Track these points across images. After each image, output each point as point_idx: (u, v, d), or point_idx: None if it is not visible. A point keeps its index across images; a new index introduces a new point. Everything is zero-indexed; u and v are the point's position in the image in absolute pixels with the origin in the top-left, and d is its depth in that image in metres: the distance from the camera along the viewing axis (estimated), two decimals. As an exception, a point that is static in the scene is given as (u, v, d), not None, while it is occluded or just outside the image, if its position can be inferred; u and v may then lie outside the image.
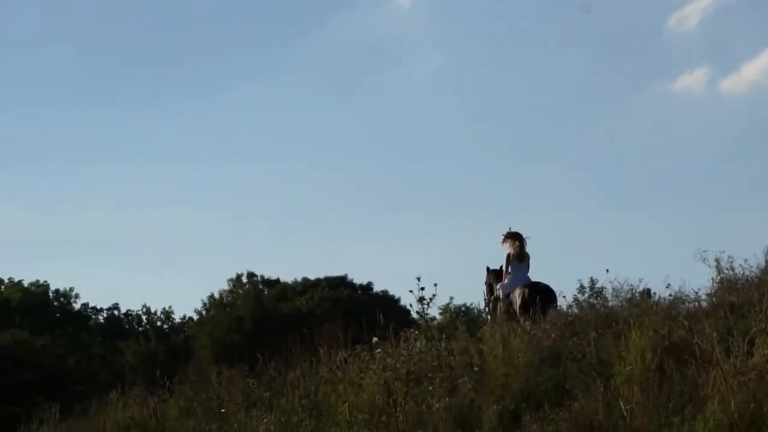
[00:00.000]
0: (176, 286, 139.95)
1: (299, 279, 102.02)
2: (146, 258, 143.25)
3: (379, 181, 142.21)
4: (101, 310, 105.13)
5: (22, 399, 56.42)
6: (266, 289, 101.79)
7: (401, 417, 12.78)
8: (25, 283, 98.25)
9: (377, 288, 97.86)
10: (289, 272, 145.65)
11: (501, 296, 18.73)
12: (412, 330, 16.09)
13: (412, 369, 14.33)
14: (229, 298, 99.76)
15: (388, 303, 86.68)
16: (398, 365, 14.48)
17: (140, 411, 18.63)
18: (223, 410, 16.19)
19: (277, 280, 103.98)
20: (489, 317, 18.68)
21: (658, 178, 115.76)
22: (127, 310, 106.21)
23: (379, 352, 15.77)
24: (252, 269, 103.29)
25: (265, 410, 15.51)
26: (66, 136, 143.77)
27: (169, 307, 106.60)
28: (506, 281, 18.91)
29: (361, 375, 14.99)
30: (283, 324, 78.01)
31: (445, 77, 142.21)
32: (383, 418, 13.05)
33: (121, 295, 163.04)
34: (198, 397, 17.79)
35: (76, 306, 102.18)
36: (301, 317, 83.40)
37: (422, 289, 16.22)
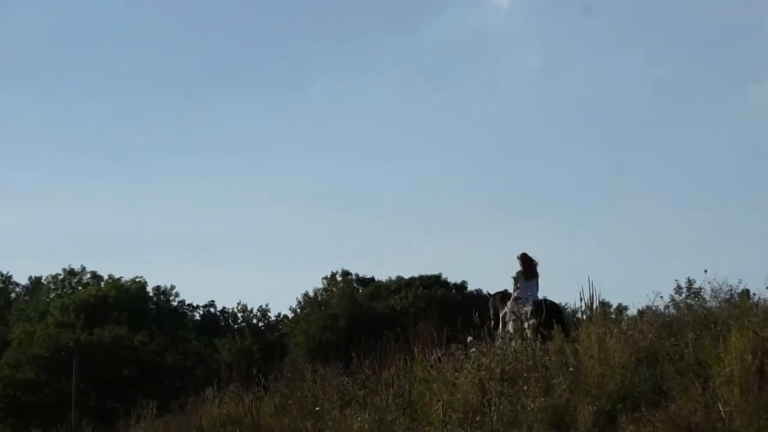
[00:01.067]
0: (272, 284, 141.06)
1: (393, 278, 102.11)
2: (243, 256, 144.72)
3: (473, 181, 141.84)
4: (198, 307, 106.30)
5: (121, 395, 57.40)
6: (361, 288, 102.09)
7: (495, 416, 12.72)
8: (124, 280, 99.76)
9: (471, 287, 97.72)
10: (383, 271, 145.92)
11: (508, 315, 19.42)
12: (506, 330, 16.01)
13: (507, 368, 14.25)
14: (323, 297, 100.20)
15: (482, 302, 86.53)
16: (493, 365, 14.41)
17: (236, 408, 18.80)
18: (317, 408, 16.25)
19: (372, 279, 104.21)
20: (498, 338, 18.74)
21: (756, 176, 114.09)
22: (223, 308, 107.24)
23: (473, 352, 15.71)
24: (347, 267, 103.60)
25: (360, 408, 15.53)
26: (167, 134, 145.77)
27: (266, 305, 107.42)
28: (516, 296, 19.65)
29: (456, 374, 14.95)
30: (377, 323, 78.12)
31: (543, 76, 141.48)
32: (477, 418, 13.00)
33: (217, 293, 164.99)
34: (293, 395, 17.88)
35: (173, 303, 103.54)
36: (395, 316, 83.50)
37: (517, 288, 16.14)
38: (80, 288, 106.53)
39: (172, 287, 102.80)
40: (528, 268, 20.04)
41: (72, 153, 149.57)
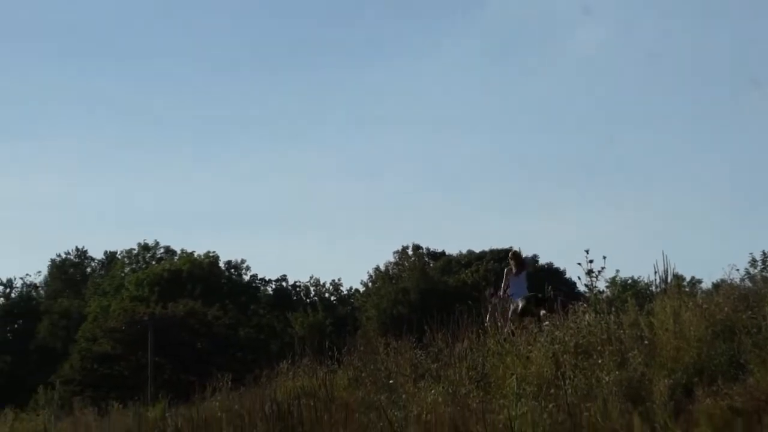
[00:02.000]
0: (344, 258, 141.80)
1: (464, 251, 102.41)
2: (315, 230, 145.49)
3: (544, 154, 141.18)
4: (270, 281, 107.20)
5: (196, 368, 57.97)
6: (432, 262, 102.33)
7: (570, 389, 12.68)
8: (197, 255, 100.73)
9: (542, 261, 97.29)
10: (454, 245, 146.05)
11: (498, 305, 21.03)
12: (580, 303, 15.94)
13: (581, 342, 14.20)
14: (395, 271, 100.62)
15: (554, 276, 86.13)
16: (566, 338, 14.36)
17: (310, 381, 18.92)
18: (391, 381, 16.29)
19: (443, 253, 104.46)
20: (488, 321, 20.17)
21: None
22: (295, 282, 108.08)
23: (547, 325, 15.67)
24: (418, 242, 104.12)
25: (433, 381, 15.56)
26: (241, 108, 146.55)
27: (338, 279, 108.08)
28: (507, 291, 21.34)
29: (529, 347, 14.93)
30: (448, 296, 78.29)
31: (611, 49, 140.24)
32: (551, 391, 12.97)
33: (289, 267, 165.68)
34: (366, 368, 17.96)
35: (246, 277, 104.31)
36: (466, 290, 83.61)
37: (590, 261, 16.06)
38: (154, 262, 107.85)
39: (243, 261, 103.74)
40: (518, 264, 21.84)
41: (147, 128, 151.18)
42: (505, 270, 22.12)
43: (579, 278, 16.93)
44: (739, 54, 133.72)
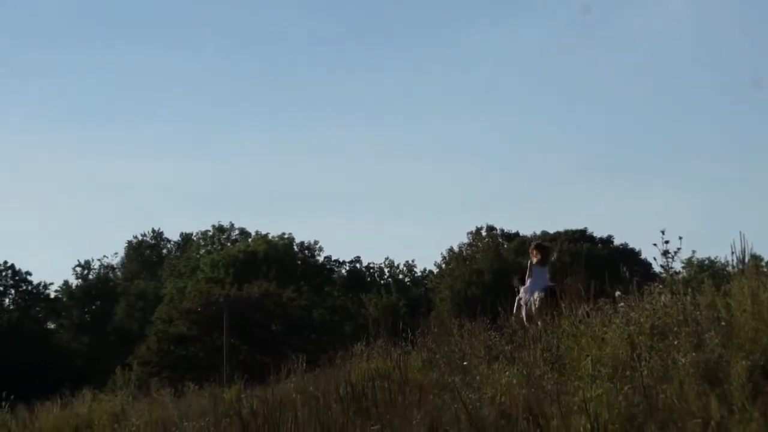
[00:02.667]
0: (417, 239, 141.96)
1: (538, 232, 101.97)
2: (388, 211, 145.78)
3: (618, 135, 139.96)
4: (344, 263, 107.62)
5: (271, 349, 58.41)
6: (505, 243, 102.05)
7: (645, 371, 12.57)
8: (271, 236, 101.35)
9: (618, 241, 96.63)
10: (528, 225, 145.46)
11: (523, 299, 20.93)
12: (655, 284, 15.78)
13: (657, 323, 14.05)
14: (468, 252, 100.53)
15: (629, 256, 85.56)
16: (642, 319, 14.22)
17: (384, 362, 18.95)
18: (465, 363, 16.26)
19: (517, 234, 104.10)
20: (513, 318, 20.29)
21: None
22: (369, 263, 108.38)
23: (622, 307, 15.54)
24: (491, 222, 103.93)
25: (507, 363, 15.50)
26: (317, 89, 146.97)
27: (411, 261, 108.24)
28: (528, 284, 21.02)
29: (604, 329, 14.80)
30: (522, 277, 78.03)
31: (688, 23, 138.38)
32: (627, 373, 12.86)
33: (363, 248, 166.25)
34: (440, 350, 17.95)
35: (320, 259, 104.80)
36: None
37: (666, 242, 15.89)
38: (229, 244, 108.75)
39: (316, 242, 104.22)
40: (543, 256, 21.57)
41: (221, 110, 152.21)
42: (529, 262, 21.93)
43: (654, 259, 16.79)
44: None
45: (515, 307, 21.05)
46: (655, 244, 16.08)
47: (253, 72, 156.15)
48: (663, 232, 16.25)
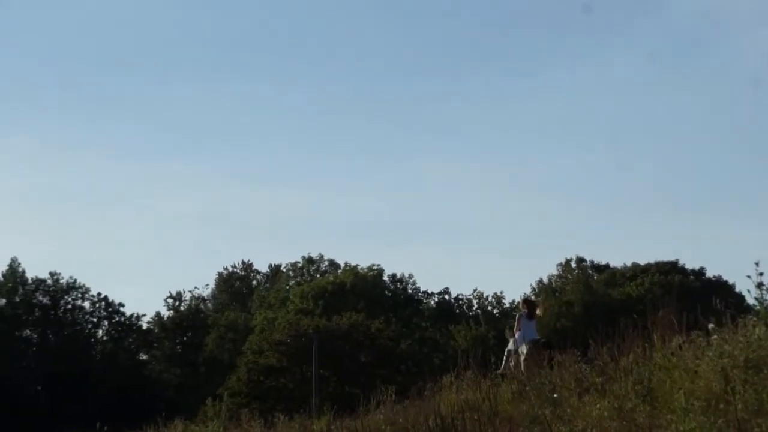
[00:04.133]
0: (506, 270, 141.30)
1: (629, 264, 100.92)
2: (478, 243, 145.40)
3: (710, 166, 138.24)
4: (432, 294, 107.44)
5: (360, 380, 58.40)
6: (595, 275, 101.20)
7: (740, 405, 12.39)
8: (360, 268, 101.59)
9: (710, 273, 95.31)
10: (618, 257, 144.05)
11: (512, 349, 23.07)
12: (749, 316, 15.56)
13: (751, 356, 13.84)
14: (558, 283, 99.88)
15: (721, 288, 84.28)
16: (736, 352, 14.02)
17: (473, 394, 18.89)
18: (555, 395, 16.17)
19: (607, 265, 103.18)
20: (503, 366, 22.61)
21: None
22: (458, 295, 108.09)
23: (715, 339, 15.34)
24: (581, 254, 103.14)
25: (598, 396, 15.38)
26: (398, 120, 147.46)
27: (500, 292, 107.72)
28: (517, 336, 23.13)
29: (697, 362, 14.63)
30: (612, 309, 77.28)
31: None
32: (721, 406, 12.69)
33: (452, 280, 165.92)
34: (530, 382, 17.85)
35: (409, 290, 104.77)
36: (630, 303, 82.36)
37: (761, 274, 15.68)
38: (318, 275, 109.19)
39: (410, 276, 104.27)
40: (530, 310, 23.50)
41: (311, 142, 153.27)
42: (517, 315, 23.79)
43: (748, 291, 16.58)
44: None
45: (504, 357, 23.25)
46: (749, 276, 15.88)
47: (342, 101, 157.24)
48: (757, 264, 16.04)
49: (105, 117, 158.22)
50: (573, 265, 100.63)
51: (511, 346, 23.32)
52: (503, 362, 22.94)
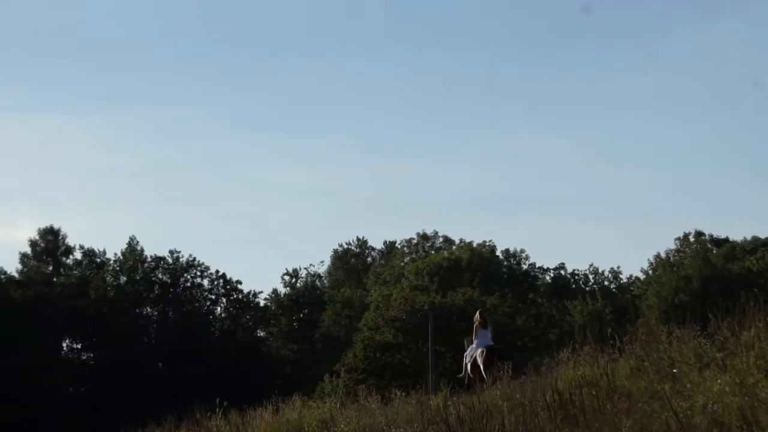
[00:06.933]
0: (623, 245, 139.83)
1: (749, 238, 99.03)
2: (593, 218, 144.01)
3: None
4: (548, 269, 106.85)
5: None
6: (714, 249, 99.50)
7: None
8: (475, 244, 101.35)
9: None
10: (738, 230, 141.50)
11: (469, 356, 26.79)
12: None
13: None
14: (676, 258, 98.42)
15: None
16: None
17: (591, 370, 18.69)
18: (675, 370, 15.91)
19: (726, 239, 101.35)
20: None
21: None
22: (574, 270, 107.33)
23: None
24: (700, 228, 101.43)
25: (719, 371, 15.11)
26: (507, 95, 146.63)
27: (617, 267, 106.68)
28: (474, 344, 26.85)
29: (822, 335, 14.32)
30: (732, 284, 75.96)
31: None
32: None
33: (567, 255, 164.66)
34: (649, 357, 17.60)
35: (524, 266, 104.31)
36: (750, 277, 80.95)
37: None
38: (433, 252, 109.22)
39: (522, 250, 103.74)
40: (483, 320, 27.06)
41: (426, 118, 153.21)
42: (475, 325, 27.04)
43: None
44: None
45: (464, 363, 27.06)
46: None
47: (457, 75, 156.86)
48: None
49: (226, 92, 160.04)
50: (691, 239, 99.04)
51: (468, 351, 27.09)
52: (463, 368, 27.15)
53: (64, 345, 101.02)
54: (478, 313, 27.93)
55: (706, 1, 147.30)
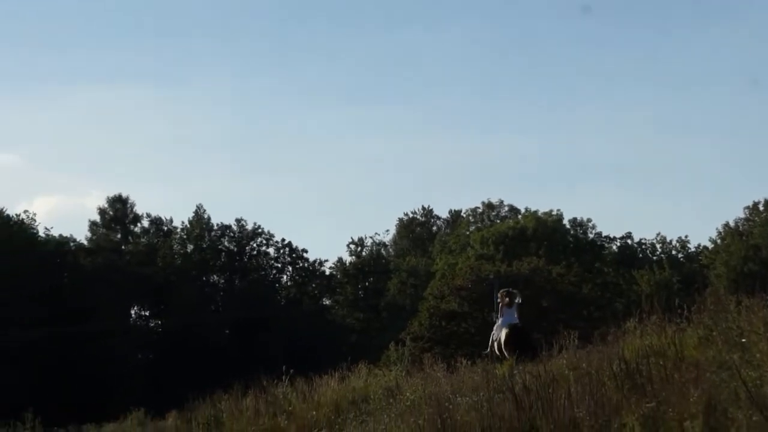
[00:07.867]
0: (691, 214, 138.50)
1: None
2: (662, 186, 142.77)
3: None
4: (614, 239, 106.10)
5: (542, 325, 58.17)
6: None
7: None
8: (541, 213, 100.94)
9: None
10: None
11: (495, 334, 27.35)
12: None
13: None
14: (745, 227, 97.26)
15: None
16: None
17: (658, 339, 18.58)
18: (743, 340, 15.77)
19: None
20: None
21: None
22: (641, 239, 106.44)
23: None
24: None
25: (790, 341, 14.97)
26: (582, 63, 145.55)
27: (685, 237, 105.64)
28: (499, 322, 27.47)
29: None
30: (803, 253, 75.01)
31: None
32: None
33: (635, 224, 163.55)
34: (717, 326, 17.45)
35: (591, 235, 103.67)
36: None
37: None
38: (498, 221, 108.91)
39: (589, 220, 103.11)
40: (510, 299, 27.57)
41: (489, 88, 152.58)
42: (500, 304, 27.72)
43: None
44: None
45: (490, 341, 27.61)
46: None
47: (521, 47, 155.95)
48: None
49: (287, 62, 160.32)
50: (761, 207, 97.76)
51: (495, 330, 27.49)
52: (489, 345, 27.76)
53: (133, 312, 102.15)
54: (504, 291, 28.58)
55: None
